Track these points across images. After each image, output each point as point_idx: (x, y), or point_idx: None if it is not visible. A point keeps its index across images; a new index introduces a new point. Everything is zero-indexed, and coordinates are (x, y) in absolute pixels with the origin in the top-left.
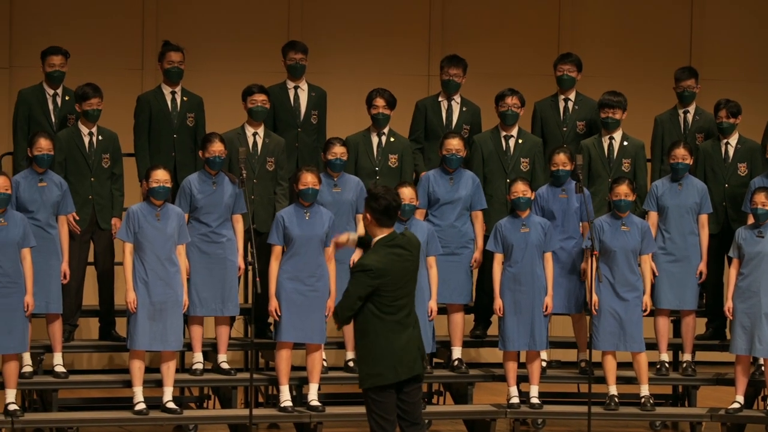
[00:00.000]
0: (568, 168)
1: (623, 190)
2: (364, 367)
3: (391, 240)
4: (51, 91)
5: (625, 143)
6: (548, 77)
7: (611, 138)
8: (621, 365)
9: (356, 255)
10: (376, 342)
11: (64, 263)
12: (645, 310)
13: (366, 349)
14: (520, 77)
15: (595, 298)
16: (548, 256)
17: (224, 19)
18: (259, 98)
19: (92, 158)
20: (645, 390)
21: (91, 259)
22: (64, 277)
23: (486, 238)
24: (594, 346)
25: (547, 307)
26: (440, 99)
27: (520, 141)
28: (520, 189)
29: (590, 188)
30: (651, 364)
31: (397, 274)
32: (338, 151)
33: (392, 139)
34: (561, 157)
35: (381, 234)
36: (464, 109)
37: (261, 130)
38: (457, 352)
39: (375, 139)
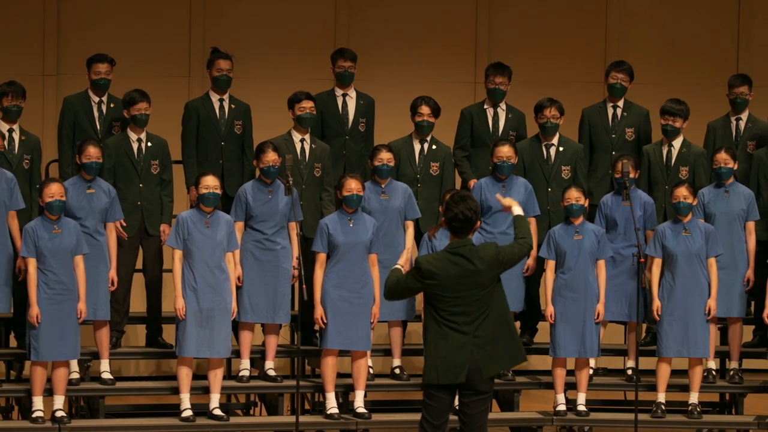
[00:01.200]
0: (632, 176)
1: (682, 193)
2: (425, 364)
3: (456, 247)
4: (96, 99)
5: (684, 150)
6: (594, 84)
7: (670, 145)
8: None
9: (403, 260)
10: (428, 341)
11: (111, 270)
12: (708, 314)
13: (424, 346)
14: (566, 84)
15: (657, 303)
16: (601, 263)
17: (271, 26)
18: (307, 105)
19: (141, 164)
20: (694, 398)
21: (139, 265)
22: (112, 284)
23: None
24: (657, 352)
25: (598, 314)
26: (486, 106)
27: (560, 149)
28: (574, 196)
29: (650, 195)
30: None
31: (450, 280)
32: (385, 157)
33: (434, 147)
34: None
35: (452, 239)
36: (510, 115)
37: (308, 137)
38: None
39: (417, 146)
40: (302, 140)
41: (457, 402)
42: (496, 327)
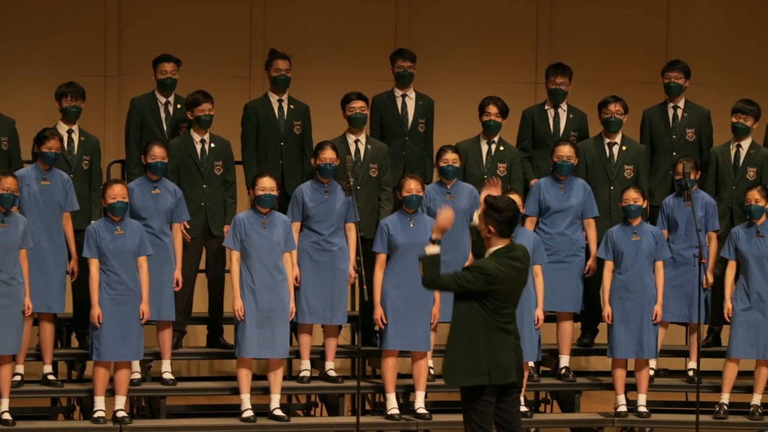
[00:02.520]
0: (692, 177)
1: (754, 196)
2: (462, 365)
3: (511, 251)
4: (163, 99)
5: (752, 152)
6: (655, 85)
7: (738, 146)
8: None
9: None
10: (478, 342)
11: (177, 271)
12: None
13: (467, 348)
14: (627, 85)
15: (729, 305)
16: (659, 264)
17: (331, 27)
18: (358, 105)
19: (204, 165)
20: (757, 399)
21: (201, 266)
22: (177, 284)
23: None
24: (727, 353)
25: (656, 315)
26: (547, 107)
27: (623, 148)
28: (632, 197)
29: (716, 195)
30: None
31: (511, 285)
32: (450, 157)
33: (502, 148)
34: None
35: (500, 244)
36: (571, 116)
37: (362, 137)
38: (564, 361)
39: (485, 147)
40: (357, 141)
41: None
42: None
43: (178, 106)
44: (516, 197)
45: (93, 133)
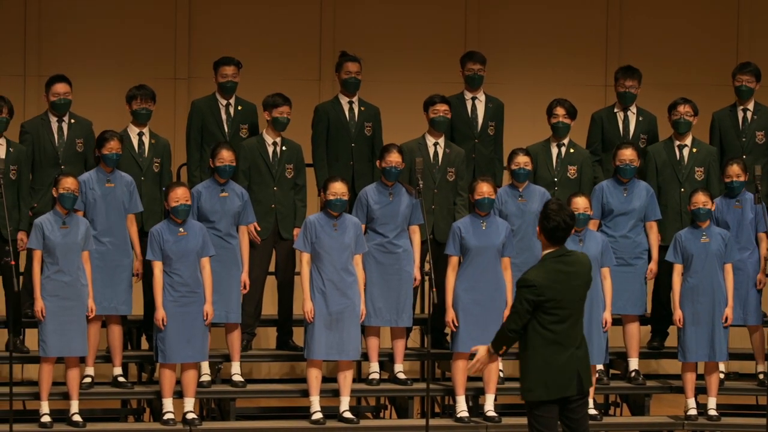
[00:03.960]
0: (742, 179)
1: None
2: (522, 380)
3: (561, 255)
4: (224, 102)
5: None
6: (725, 87)
7: None
8: None
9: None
10: (533, 357)
11: (243, 273)
12: None
13: (524, 362)
14: (697, 87)
15: None
16: (728, 267)
17: (400, 29)
18: (441, 108)
19: (276, 168)
20: None
21: (271, 268)
22: (244, 287)
23: (661, 248)
24: None
25: (726, 318)
26: (616, 110)
27: (694, 150)
28: (701, 200)
29: None
30: None
31: (561, 291)
32: (522, 160)
33: (572, 150)
34: (735, 169)
35: (550, 249)
36: (641, 118)
37: (442, 141)
38: (633, 364)
39: (554, 150)
40: (435, 144)
41: None
42: (583, 334)
43: (239, 108)
44: (583, 199)
45: (163, 136)
